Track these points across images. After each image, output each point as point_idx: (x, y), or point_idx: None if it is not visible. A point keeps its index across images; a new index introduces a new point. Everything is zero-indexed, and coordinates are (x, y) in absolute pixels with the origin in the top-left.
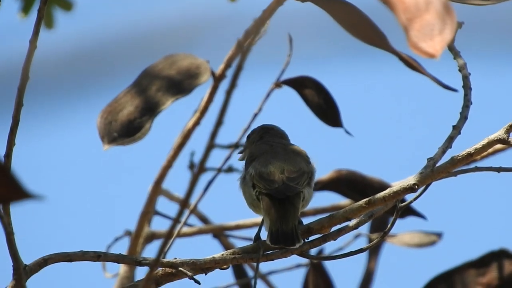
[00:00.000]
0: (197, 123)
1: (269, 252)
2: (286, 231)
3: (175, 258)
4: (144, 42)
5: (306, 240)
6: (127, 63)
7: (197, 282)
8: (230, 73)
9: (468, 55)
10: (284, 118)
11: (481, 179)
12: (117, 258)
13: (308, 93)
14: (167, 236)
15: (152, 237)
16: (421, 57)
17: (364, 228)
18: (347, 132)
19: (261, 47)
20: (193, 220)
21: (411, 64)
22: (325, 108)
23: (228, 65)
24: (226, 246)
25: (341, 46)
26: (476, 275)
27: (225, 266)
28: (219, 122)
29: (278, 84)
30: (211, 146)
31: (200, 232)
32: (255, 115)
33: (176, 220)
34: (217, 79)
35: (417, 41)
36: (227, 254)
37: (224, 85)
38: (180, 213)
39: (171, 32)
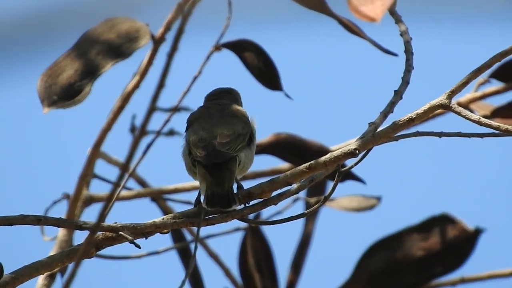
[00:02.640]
0: (136, 86)
1: (210, 216)
2: (222, 193)
3: (116, 222)
4: (84, 5)
5: (247, 205)
6: (67, 26)
7: (138, 246)
8: (170, 36)
9: (410, 20)
10: (225, 81)
11: (422, 143)
12: (57, 222)
13: (248, 56)
14: (108, 200)
15: (90, 200)
16: (363, 21)
17: (302, 192)
18: (287, 95)
19: (201, 10)
20: (132, 183)
21: (351, 29)
22: (265, 71)
23: (167, 28)
24: (165, 210)
25: (282, 10)
26: (418, 239)
27: (165, 231)
28: (160, 85)
29: (217, 47)
30: (152, 109)
31: (138, 195)
32: (195, 78)
33: (117, 184)
34: (157, 42)
35: (358, 4)
36: (167, 219)
37: (164, 48)
38: (121, 177)
39: None
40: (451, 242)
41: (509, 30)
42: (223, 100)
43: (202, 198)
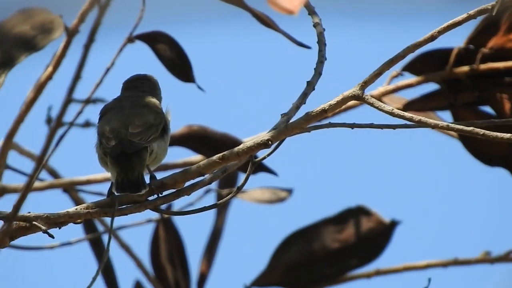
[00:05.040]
0: (49, 77)
1: (123, 206)
2: (132, 179)
3: (29, 212)
4: None
5: (159, 195)
6: None
7: (51, 236)
8: (83, 28)
9: (323, 13)
10: (138, 72)
11: (335, 135)
12: None
13: (161, 48)
14: (24, 190)
15: (3, 191)
16: (278, 14)
17: (214, 184)
18: (199, 87)
19: (116, 2)
20: (44, 174)
21: (265, 21)
22: (178, 63)
23: (81, 20)
24: (77, 201)
25: (196, 3)
26: (334, 231)
27: (78, 221)
28: (77, 77)
29: (131, 39)
30: (68, 100)
31: (51, 186)
32: (108, 69)
33: (33, 175)
34: (71, 34)
35: None
36: (81, 209)
37: (77, 40)
38: (38, 168)
39: None
40: (367, 234)
41: (423, 22)
42: (140, 88)
43: (113, 188)
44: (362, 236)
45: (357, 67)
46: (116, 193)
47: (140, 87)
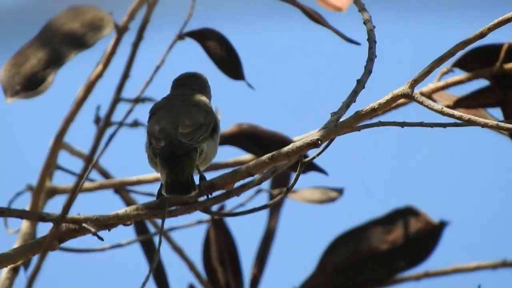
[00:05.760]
0: (99, 75)
1: (173, 208)
2: (181, 180)
3: (79, 214)
4: None
5: (209, 196)
6: (31, 15)
7: (100, 238)
8: (133, 25)
9: (373, 9)
10: (188, 70)
11: (385, 133)
12: (21, 214)
13: (211, 45)
14: (73, 192)
15: (53, 192)
16: (328, 11)
17: (265, 184)
18: (249, 85)
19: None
20: (94, 175)
21: (315, 18)
22: (228, 61)
23: (131, 18)
24: (128, 201)
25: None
26: (382, 232)
27: (128, 222)
28: (125, 76)
29: (181, 36)
30: (117, 100)
31: (101, 187)
32: (158, 67)
33: (82, 176)
34: (120, 31)
35: None
36: (130, 211)
37: (127, 37)
38: (86, 169)
39: None
40: (416, 235)
41: (473, 19)
42: (190, 86)
43: (162, 189)
44: (410, 237)
45: (406, 64)
46: (165, 195)
47: (190, 85)
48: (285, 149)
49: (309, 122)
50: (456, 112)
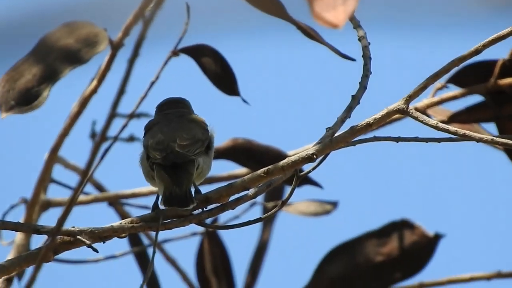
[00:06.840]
0: (94, 91)
1: (167, 221)
2: (180, 193)
3: (73, 227)
4: (42, 9)
5: (204, 209)
6: (26, 30)
7: (95, 250)
8: (128, 41)
9: (368, 26)
10: (183, 86)
11: (380, 149)
12: (15, 226)
13: (206, 62)
14: (68, 205)
15: (47, 205)
16: (323, 27)
17: (260, 197)
18: (244, 100)
19: (160, 16)
20: (89, 188)
21: (310, 34)
22: (222, 76)
23: (126, 34)
24: (122, 215)
25: (240, 16)
26: (377, 245)
27: (123, 235)
28: (121, 91)
29: (175, 53)
30: (113, 115)
31: (95, 200)
32: (152, 83)
33: (77, 189)
34: (115, 47)
35: (321, 11)
36: (125, 223)
37: (122, 53)
38: (82, 182)
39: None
40: (411, 248)
41: (467, 35)
42: (180, 108)
43: (159, 201)
44: (405, 249)
45: (401, 80)
46: (162, 207)
47: (180, 107)
48: (281, 163)
49: (304, 137)
50: (451, 127)
